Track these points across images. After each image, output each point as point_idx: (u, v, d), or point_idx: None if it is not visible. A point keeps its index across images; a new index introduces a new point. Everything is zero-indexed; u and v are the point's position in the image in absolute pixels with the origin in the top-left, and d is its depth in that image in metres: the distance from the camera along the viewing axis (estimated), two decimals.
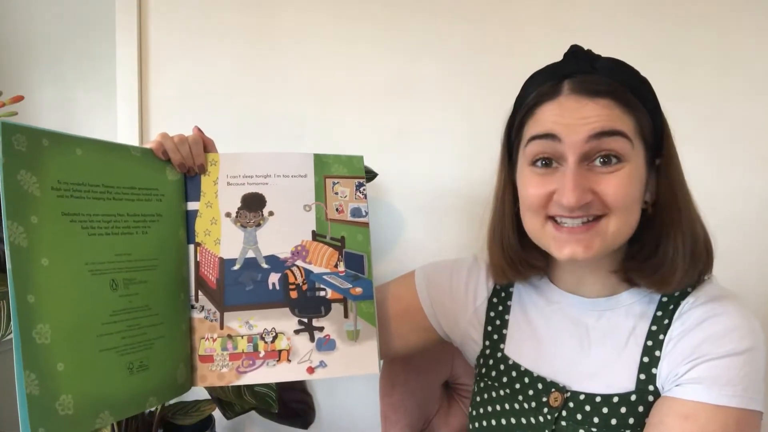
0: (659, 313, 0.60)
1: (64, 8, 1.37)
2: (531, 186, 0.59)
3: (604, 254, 0.59)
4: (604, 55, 0.61)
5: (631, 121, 0.57)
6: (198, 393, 1.15)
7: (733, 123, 1.05)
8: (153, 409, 1.10)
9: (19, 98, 1.11)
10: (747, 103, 1.04)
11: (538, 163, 0.59)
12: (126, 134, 1.27)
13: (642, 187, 0.58)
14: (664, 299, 0.61)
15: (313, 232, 0.68)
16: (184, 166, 0.66)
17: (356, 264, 0.69)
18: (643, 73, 0.61)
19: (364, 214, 0.70)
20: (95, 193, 0.57)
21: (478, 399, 0.71)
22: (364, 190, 0.70)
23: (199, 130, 0.68)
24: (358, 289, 0.68)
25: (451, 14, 1.16)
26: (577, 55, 0.59)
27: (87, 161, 0.57)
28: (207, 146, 0.68)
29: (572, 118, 0.56)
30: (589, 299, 0.65)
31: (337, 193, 0.70)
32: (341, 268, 0.68)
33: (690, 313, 0.58)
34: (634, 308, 0.62)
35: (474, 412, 0.71)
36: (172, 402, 1.13)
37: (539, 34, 1.11)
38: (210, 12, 1.25)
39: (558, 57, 0.62)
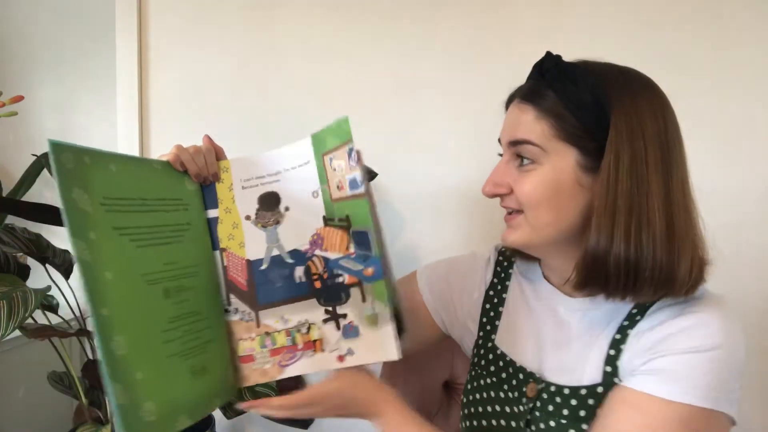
0: (634, 311, 0.61)
1: (64, 9, 1.37)
2: None
3: (529, 245, 0.63)
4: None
5: (546, 126, 0.59)
6: None
7: (732, 123, 1.05)
8: None
9: (19, 98, 1.11)
10: (747, 102, 1.04)
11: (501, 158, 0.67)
12: (126, 135, 1.27)
13: (565, 190, 0.59)
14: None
15: (324, 217, 0.67)
16: (200, 176, 0.67)
17: (364, 241, 0.64)
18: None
19: (359, 184, 0.63)
20: (134, 206, 0.59)
21: (469, 387, 0.74)
22: (355, 155, 0.64)
23: (209, 138, 0.69)
24: (369, 269, 0.64)
25: (452, 14, 1.16)
26: (537, 64, 0.62)
27: (121, 176, 0.58)
28: (218, 154, 0.70)
29: (506, 122, 0.65)
30: (574, 299, 0.66)
31: (335, 169, 0.66)
32: (352, 249, 0.65)
33: (662, 312, 0.58)
34: (613, 305, 0.62)
35: (465, 399, 0.73)
36: None
37: (539, 34, 1.12)
38: (210, 12, 1.25)
39: None
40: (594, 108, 0.57)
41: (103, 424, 0.98)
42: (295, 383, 1.20)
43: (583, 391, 0.60)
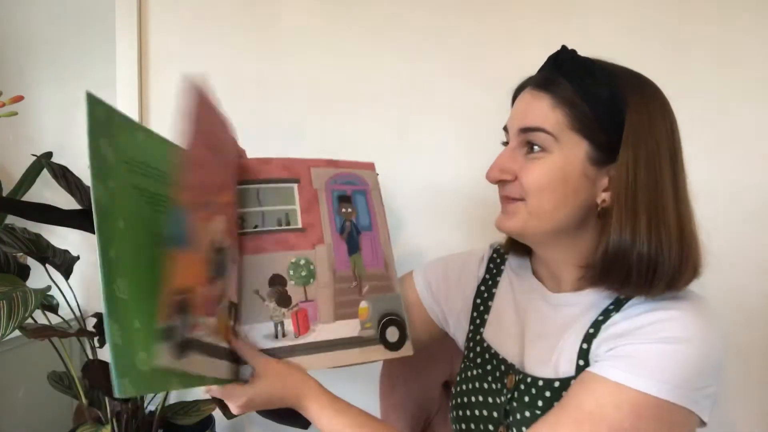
0: (611, 307, 0.61)
1: (64, 8, 1.37)
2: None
3: (524, 233, 0.63)
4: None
5: (561, 115, 0.59)
6: (198, 393, 1.15)
7: (733, 122, 1.05)
8: (153, 408, 1.10)
9: (19, 98, 1.11)
10: (747, 101, 1.04)
11: (504, 146, 0.67)
12: None
13: (572, 180, 0.59)
14: (622, 296, 0.61)
15: None
16: None
17: None
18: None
19: None
20: (156, 175, 0.61)
21: (458, 378, 0.75)
22: None
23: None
24: None
25: (451, 14, 1.16)
26: (553, 55, 0.63)
27: (147, 146, 0.61)
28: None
29: (517, 109, 0.65)
30: (559, 295, 0.67)
31: None
32: None
33: (636, 307, 0.59)
34: (592, 302, 0.63)
35: (454, 390, 0.75)
36: (172, 402, 1.13)
37: (540, 33, 1.11)
38: (210, 12, 1.25)
39: None
40: (609, 102, 0.58)
41: (103, 424, 0.98)
42: None
43: (557, 384, 0.61)
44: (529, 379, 0.64)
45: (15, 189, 1.29)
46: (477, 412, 0.69)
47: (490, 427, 0.67)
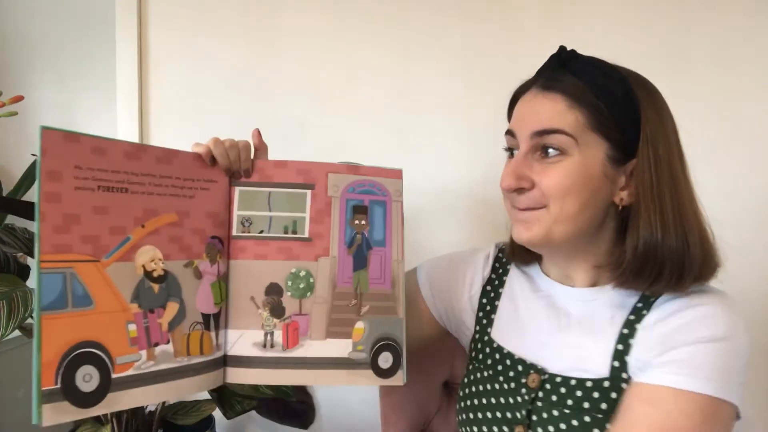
0: (639, 305, 0.61)
1: (64, 8, 1.37)
2: (502, 172, 0.64)
3: (548, 240, 0.61)
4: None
5: (580, 115, 0.58)
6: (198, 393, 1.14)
7: (733, 122, 1.05)
8: (153, 408, 1.10)
9: (19, 98, 1.10)
10: (747, 101, 1.04)
11: (508, 153, 0.66)
12: (126, 134, 1.27)
13: (593, 181, 0.59)
14: (648, 292, 0.61)
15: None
16: (230, 170, 0.67)
17: None
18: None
19: None
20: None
21: (465, 380, 0.74)
22: None
23: (258, 135, 0.70)
24: None
25: (451, 14, 1.16)
26: (555, 55, 0.62)
27: None
28: (257, 152, 0.70)
29: (525, 112, 0.62)
30: (575, 289, 0.67)
31: None
32: None
33: (669, 304, 0.59)
34: (615, 299, 0.63)
35: (461, 393, 0.74)
36: (171, 402, 1.13)
37: (539, 33, 1.11)
38: (210, 12, 1.25)
39: None
40: (624, 100, 0.58)
41: (103, 424, 0.98)
42: (300, 389, 1.20)
43: (589, 384, 0.60)
44: (558, 379, 0.63)
45: (15, 189, 1.28)
46: (489, 414, 0.68)
47: (505, 429, 0.65)
